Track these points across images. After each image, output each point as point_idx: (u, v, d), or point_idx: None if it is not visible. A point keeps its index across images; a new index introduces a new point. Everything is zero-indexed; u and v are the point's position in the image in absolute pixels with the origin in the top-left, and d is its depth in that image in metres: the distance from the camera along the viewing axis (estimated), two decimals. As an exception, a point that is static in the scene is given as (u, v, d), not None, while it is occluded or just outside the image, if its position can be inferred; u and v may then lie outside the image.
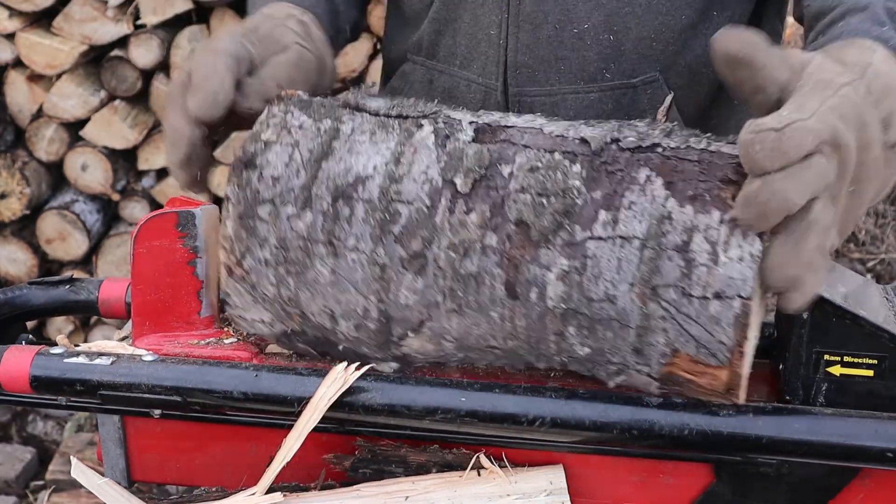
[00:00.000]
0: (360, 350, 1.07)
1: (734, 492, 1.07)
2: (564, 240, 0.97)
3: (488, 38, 1.36)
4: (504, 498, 1.04)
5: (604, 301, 0.96)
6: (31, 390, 1.10)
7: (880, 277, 4.09)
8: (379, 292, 1.03)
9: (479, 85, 1.39)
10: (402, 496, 1.05)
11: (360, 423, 1.08)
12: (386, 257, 1.02)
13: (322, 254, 1.04)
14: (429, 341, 1.04)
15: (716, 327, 0.92)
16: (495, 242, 0.99)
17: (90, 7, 3.06)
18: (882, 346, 1.01)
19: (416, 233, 1.01)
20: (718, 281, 0.92)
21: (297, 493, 1.08)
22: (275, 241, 1.04)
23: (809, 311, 1.00)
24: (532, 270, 0.98)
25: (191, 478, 1.20)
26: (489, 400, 1.03)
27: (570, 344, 0.99)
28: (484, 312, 1.01)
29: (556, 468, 1.07)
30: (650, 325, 0.95)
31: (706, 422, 1.01)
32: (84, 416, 3.29)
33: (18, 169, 3.18)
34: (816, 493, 1.06)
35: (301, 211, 1.04)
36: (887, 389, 1.02)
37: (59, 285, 1.30)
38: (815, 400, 1.03)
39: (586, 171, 0.98)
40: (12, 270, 3.32)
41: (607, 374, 1.01)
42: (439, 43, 1.42)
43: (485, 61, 1.38)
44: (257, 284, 1.06)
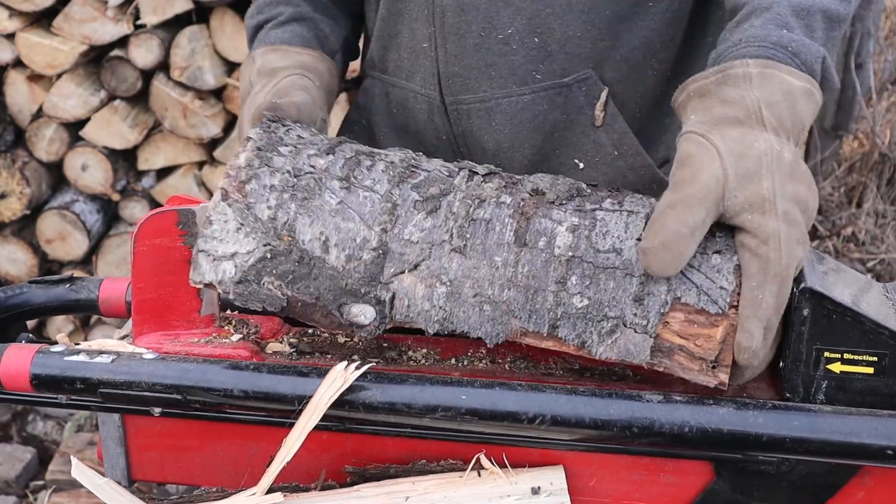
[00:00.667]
0: (339, 285, 1.04)
1: (734, 489, 1.07)
2: (576, 205, 1.04)
3: (424, 51, 1.40)
4: (504, 498, 1.04)
5: (610, 252, 1.01)
6: (32, 389, 1.10)
7: (880, 277, 4.10)
8: (385, 224, 1.04)
9: (423, 96, 1.43)
10: (402, 496, 1.05)
11: (361, 421, 1.08)
12: (400, 198, 1.05)
13: (335, 187, 1.06)
14: (422, 282, 1.03)
15: (717, 274, 0.98)
16: (510, 201, 1.05)
17: (90, 7, 3.06)
18: (882, 344, 1.01)
19: (434, 184, 1.06)
20: (717, 244, 1.00)
21: (298, 494, 1.08)
22: (290, 168, 1.06)
23: (810, 308, 1.01)
24: (544, 223, 1.03)
25: (191, 477, 1.20)
26: (489, 397, 1.03)
27: (569, 294, 1.00)
28: (488, 256, 1.02)
29: (557, 469, 1.07)
30: (653, 275, 0.98)
31: (706, 419, 1.01)
32: (84, 416, 3.29)
33: (18, 169, 3.18)
34: (816, 490, 1.06)
35: (323, 154, 1.08)
36: (887, 387, 1.02)
37: (59, 284, 1.30)
38: (816, 397, 1.03)
39: (590, 188, 1.08)
40: (12, 270, 3.32)
41: (599, 335, 1.00)
42: (387, 57, 1.48)
43: (424, 73, 1.42)
44: (253, 206, 1.05)
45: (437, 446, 1.10)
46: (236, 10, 3.06)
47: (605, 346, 1.00)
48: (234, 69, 3.13)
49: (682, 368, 1.00)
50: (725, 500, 1.08)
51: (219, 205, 1.06)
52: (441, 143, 1.45)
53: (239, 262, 1.05)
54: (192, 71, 3.09)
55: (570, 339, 1.01)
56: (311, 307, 1.04)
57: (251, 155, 1.07)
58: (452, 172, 1.09)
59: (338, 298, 1.04)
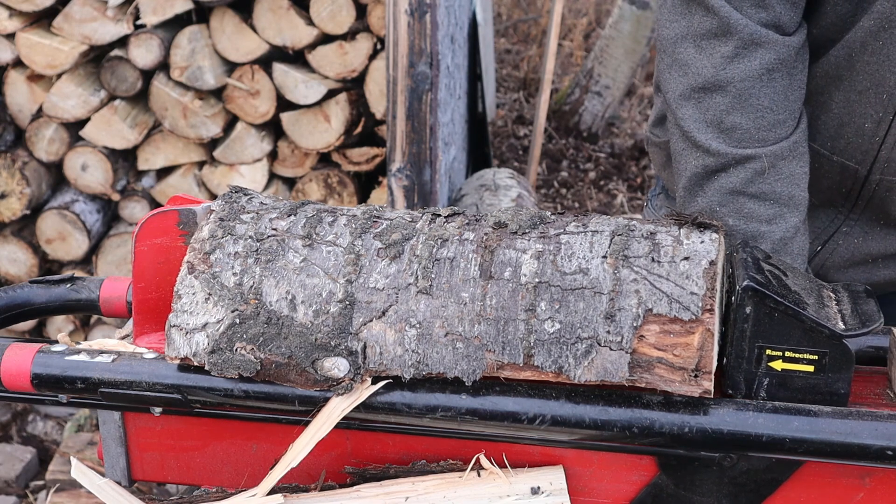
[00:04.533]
0: (310, 341, 1.04)
1: (677, 485, 1.08)
2: (540, 232, 1.05)
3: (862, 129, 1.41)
4: (504, 498, 1.04)
5: (577, 273, 1.01)
6: (33, 388, 1.10)
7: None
8: (349, 275, 1.04)
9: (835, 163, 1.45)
10: (402, 496, 1.05)
11: (360, 419, 1.08)
12: (363, 248, 1.06)
13: (297, 246, 1.07)
14: (391, 327, 1.03)
15: (686, 280, 0.99)
16: (473, 237, 1.05)
17: (90, 7, 3.06)
18: (822, 343, 1.02)
19: (395, 231, 1.06)
20: (685, 250, 1.01)
21: (298, 494, 1.08)
22: (252, 233, 1.08)
23: (752, 306, 1.02)
24: (508, 254, 1.03)
25: (191, 476, 1.20)
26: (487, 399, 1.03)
27: (540, 321, 1.00)
28: (455, 293, 1.02)
29: (556, 469, 1.07)
30: (622, 290, 0.99)
31: (706, 420, 1.01)
32: (84, 415, 3.29)
33: (18, 169, 3.19)
34: (758, 486, 1.07)
35: (285, 216, 1.10)
36: (827, 385, 1.03)
37: (60, 284, 1.30)
38: (757, 394, 1.04)
39: (555, 216, 1.08)
40: (12, 270, 3.32)
41: (575, 358, 1.00)
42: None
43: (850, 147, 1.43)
44: (218, 275, 1.06)
45: (436, 446, 1.10)
46: (236, 10, 3.06)
47: (583, 368, 1.00)
48: (234, 69, 3.14)
49: (664, 381, 1.00)
50: (669, 495, 1.08)
51: (186, 278, 1.07)
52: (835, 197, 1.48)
53: (210, 332, 1.05)
54: (192, 71, 3.09)
55: (546, 366, 1.01)
56: (285, 367, 1.04)
57: (214, 226, 1.09)
58: (415, 218, 1.10)
59: (310, 355, 1.03)
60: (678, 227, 1.04)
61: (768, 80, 1.33)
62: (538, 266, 1.02)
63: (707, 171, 1.35)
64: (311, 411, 1.05)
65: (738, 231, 1.33)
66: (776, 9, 1.32)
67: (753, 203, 1.34)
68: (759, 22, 1.32)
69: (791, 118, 1.36)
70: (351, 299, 1.04)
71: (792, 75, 1.35)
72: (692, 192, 1.37)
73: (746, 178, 1.33)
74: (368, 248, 1.06)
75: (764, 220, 1.33)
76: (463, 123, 3.71)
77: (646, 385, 1.00)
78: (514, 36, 6.31)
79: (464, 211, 1.11)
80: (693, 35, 1.35)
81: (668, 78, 1.39)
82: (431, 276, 1.03)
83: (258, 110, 3.14)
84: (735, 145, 1.33)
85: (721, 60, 1.33)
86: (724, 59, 1.33)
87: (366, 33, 3.05)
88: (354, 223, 1.08)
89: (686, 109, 1.36)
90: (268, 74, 3.10)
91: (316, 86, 3.08)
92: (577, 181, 5.00)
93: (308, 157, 3.23)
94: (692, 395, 1.00)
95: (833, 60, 1.39)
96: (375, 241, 1.06)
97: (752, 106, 1.33)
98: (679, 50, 1.37)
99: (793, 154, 1.35)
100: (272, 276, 1.05)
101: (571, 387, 1.03)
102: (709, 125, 1.34)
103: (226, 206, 1.11)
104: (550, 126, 5.22)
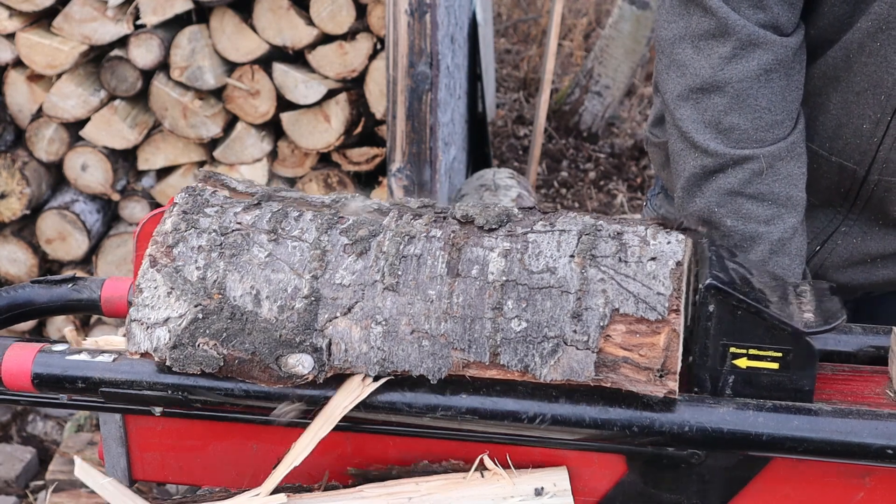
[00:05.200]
0: (274, 337, 1.03)
1: (646, 483, 1.08)
2: (507, 231, 1.04)
3: (860, 130, 1.41)
4: (508, 499, 1.04)
5: (544, 272, 1.01)
6: (33, 388, 1.10)
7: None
8: (315, 271, 1.04)
9: (832, 163, 1.44)
10: (405, 497, 1.05)
11: (360, 419, 1.08)
12: (329, 244, 1.05)
13: (262, 241, 1.06)
14: (357, 324, 1.02)
15: (653, 281, 0.99)
16: (440, 234, 1.05)
17: (90, 7, 3.06)
18: (786, 340, 1.03)
19: (362, 227, 1.06)
20: (652, 251, 1.01)
21: (301, 494, 1.08)
22: (216, 227, 1.07)
23: (716, 305, 1.02)
24: (475, 252, 1.03)
25: (192, 476, 1.20)
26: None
27: (507, 319, 1.00)
28: (421, 290, 1.02)
29: (560, 469, 1.07)
30: (589, 289, 0.99)
31: (706, 419, 1.01)
32: (84, 415, 3.29)
33: (18, 169, 3.19)
34: (726, 483, 1.07)
35: (250, 209, 1.09)
36: (791, 382, 1.04)
37: (61, 284, 1.30)
38: (723, 392, 1.05)
39: (522, 213, 1.08)
40: (12, 270, 3.32)
41: (541, 356, 1.00)
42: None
43: (848, 147, 1.43)
44: (181, 269, 1.05)
45: (439, 446, 1.10)
46: (236, 10, 3.06)
47: (549, 367, 1.00)
48: (234, 69, 3.14)
49: (629, 381, 1.00)
50: (638, 492, 1.09)
51: (147, 272, 1.06)
52: (834, 197, 1.48)
53: (172, 327, 1.04)
54: (192, 71, 3.09)
55: (512, 365, 1.01)
56: (248, 363, 1.03)
57: (177, 219, 1.08)
58: (384, 209, 1.09)
59: (274, 351, 1.03)
60: (645, 227, 1.04)
61: (766, 80, 1.33)
62: (505, 264, 1.02)
63: (705, 172, 1.36)
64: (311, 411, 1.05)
65: (736, 232, 1.34)
66: (774, 10, 1.33)
67: (751, 204, 1.34)
68: (757, 23, 1.32)
69: (789, 119, 1.36)
70: (316, 295, 1.03)
71: (790, 76, 1.35)
72: (690, 192, 1.37)
73: (744, 179, 1.34)
74: (335, 244, 1.05)
75: (762, 221, 1.34)
76: (463, 123, 3.71)
77: (611, 385, 1.00)
78: (514, 36, 6.31)
79: (434, 203, 1.11)
80: (691, 36, 1.36)
81: (665, 78, 1.40)
82: (398, 273, 1.02)
83: (258, 110, 3.14)
84: (733, 146, 1.34)
85: (719, 61, 1.33)
86: (722, 60, 1.33)
87: (366, 33, 3.05)
88: (320, 218, 1.07)
89: (684, 110, 1.36)
90: (268, 74, 3.10)
91: (316, 86, 3.08)
92: (577, 181, 5.00)
93: (308, 157, 3.23)
94: (657, 395, 1.00)
95: (830, 61, 1.39)
96: (342, 236, 1.05)
97: (750, 106, 1.33)
98: (677, 50, 1.37)
99: (791, 154, 1.35)
100: (236, 271, 1.05)
101: (570, 388, 1.03)
102: (707, 126, 1.35)
103: (189, 199, 1.10)
104: (550, 126, 5.22)
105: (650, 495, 1.08)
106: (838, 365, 1.17)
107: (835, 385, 1.13)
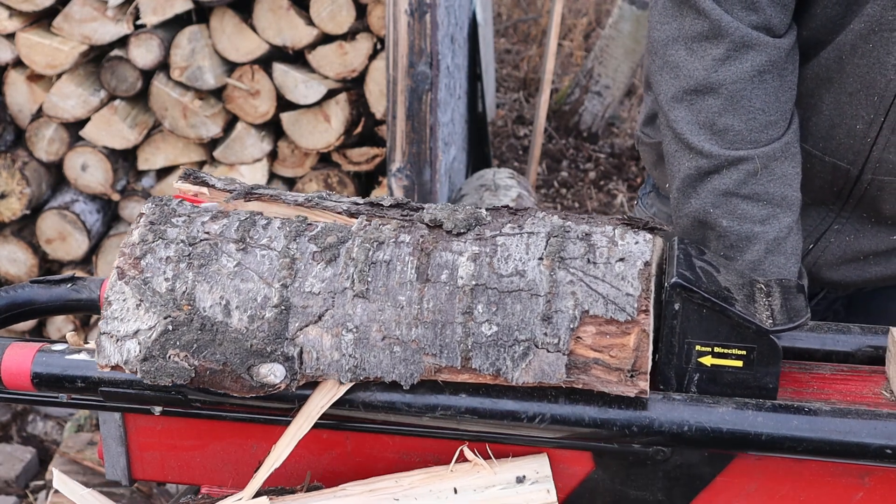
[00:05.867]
0: (245, 347, 1.03)
1: (613, 479, 1.09)
2: (476, 234, 1.05)
3: (853, 131, 1.42)
4: (490, 489, 1.04)
5: (514, 275, 1.01)
6: (33, 388, 1.10)
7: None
8: (284, 279, 1.04)
9: (826, 163, 1.45)
10: (388, 493, 1.05)
11: (357, 419, 1.08)
12: (297, 252, 1.05)
13: (231, 250, 1.06)
14: (327, 332, 1.03)
15: (622, 282, 1.00)
16: (409, 239, 1.05)
17: (90, 7, 3.06)
18: (750, 338, 1.04)
19: (331, 234, 1.06)
20: (620, 252, 1.02)
21: (283, 496, 1.08)
22: (184, 237, 1.06)
23: (681, 303, 1.03)
24: (444, 256, 1.03)
25: (192, 476, 1.20)
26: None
27: (477, 323, 1.01)
28: (392, 297, 1.02)
29: (541, 457, 1.08)
30: (559, 292, 1.00)
31: (706, 419, 1.02)
32: (84, 415, 3.29)
33: (18, 169, 3.19)
34: (691, 480, 1.08)
35: (218, 218, 1.08)
36: (755, 379, 1.05)
37: (61, 284, 1.30)
38: (688, 389, 1.06)
39: (491, 215, 1.08)
40: (12, 270, 3.32)
41: (513, 360, 1.00)
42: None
43: (842, 148, 1.44)
44: (150, 280, 1.05)
45: (420, 443, 1.11)
46: (236, 10, 3.06)
47: (520, 370, 1.00)
48: (234, 69, 3.14)
49: (600, 382, 1.00)
50: (605, 489, 1.09)
51: (116, 284, 1.06)
52: (827, 195, 1.49)
53: (142, 339, 1.04)
54: (192, 71, 3.09)
55: (484, 368, 1.01)
56: (220, 374, 1.03)
57: (144, 230, 1.07)
58: (353, 210, 1.10)
59: (245, 361, 1.03)
60: (613, 227, 1.04)
61: (760, 81, 1.34)
62: (475, 268, 1.02)
63: (700, 173, 1.36)
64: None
65: (732, 232, 1.34)
66: (766, 11, 1.33)
67: (746, 204, 1.35)
68: (750, 24, 1.33)
69: (783, 119, 1.36)
70: (286, 304, 1.03)
71: (783, 77, 1.36)
72: (686, 193, 1.38)
73: (739, 180, 1.34)
74: (304, 252, 1.05)
75: (757, 221, 1.34)
76: (463, 123, 3.71)
77: (583, 386, 1.00)
78: (514, 36, 6.31)
79: (408, 202, 1.11)
80: (684, 37, 1.36)
81: (659, 80, 1.40)
82: (368, 280, 1.03)
83: (258, 110, 3.14)
84: (728, 147, 1.34)
85: (712, 63, 1.34)
86: (716, 62, 1.34)
87: (366, 33, 3.05)
88: (289, 226, 1.07)
89: (678, 112, 1.37)
90: (268, 74, 3.10)
91: (316, 86, 3.08)
92: (577, 181, 5.00)
93: (308, 157, 3.23)
94: (628, 395, 1.00)
95: (823, 63, 1.40)
96: (310, 244, 1.05)
97: (743, 108, 1.34)
98: (670, 52, 1.38)
99: (785, 155, 1.36)
100: (206, 281, 1.04)
101: (569, 389, 1.03)
102: (701, 127, 1.35)
103: (156, 210, 1.10)
104: (550, 126, 5.22)
105: (617, 492, 1.09)
106: (837, 365, 1.18)
107: (834, 385, 1.13)
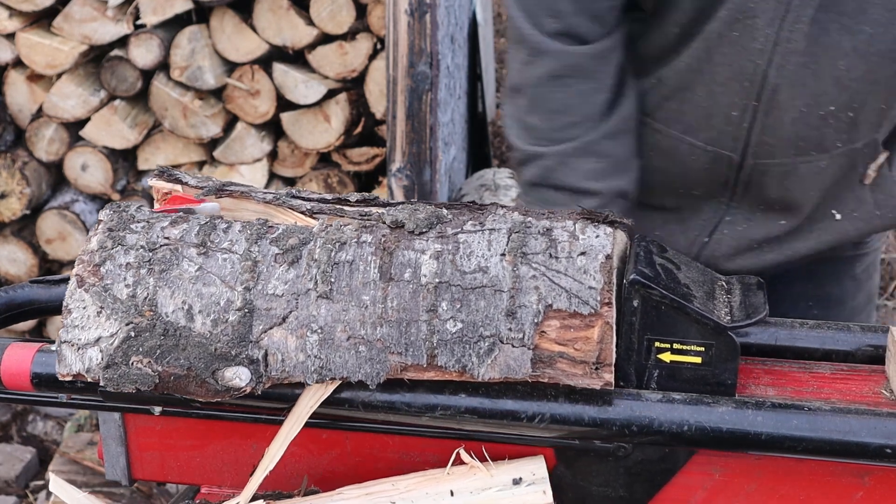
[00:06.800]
0: (209, 351, 1.02)
1: (575, 476, 1.09)
2: (438, 232, 1.05)
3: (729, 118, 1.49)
4: (486, 491, 1.04)
5: (476, 272, 1.02)
6: (33, 388, 1.10)
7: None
8: (247, 282, 1.03)
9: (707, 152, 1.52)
10: (385, 496, 1.05)
11: (355, 419, 1.08)
12: (259, 254, 1.05)
13: (192, 255, 1.05)
14: (292, 334, 1.02)
15: (584, 275, 1.00)
16: (371, 239, 1.05)
17: (90, 7, 3.07)
18: (709, 335, 1.04)
19: (292, 235, 1.06)
20: (582, 246, 1.02)
21: (280, 501, 1.08)
22: (144, 243, 1.06)
23: (640, 300, 1.04)
24: (407, 255, 1.04)
25: (192, 476, 1.20)
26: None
27: (442, 321, 1.01)
28: (355, 296, 1.02)
29: (537, 459, 1.08)
30: (522, 287, 1.00)
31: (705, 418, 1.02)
32: (84, 416, 3.29)
33: (18, 169, 3.19)
34: (652, 476, 1.08)
35: (177, 223, 1.08)
36: (714, 376, 1.05)
37: (61, 284, 1.30)
38: (648, 385, 1.06)
39: (451, 213, 1.09)
40: (12, 270, 3.32)
41: (478, 356, 1.00)
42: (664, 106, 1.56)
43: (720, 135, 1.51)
44: (110, 287, 1.04)
45: (416, 444, 1.11)
46: (236, 10, 3.06)
47: (486, 366, 1.00)
48: (234, 69, 3.14)
49: (566, 375, 1.00)
50: (567, 485, 1.09)
51: (75, 292, 1.05)
52: (715, 187, 1.55)
53: (104, 347, 1.03)
54: (192, 71, 3.10)
55: (450, 366, 1.01)
56: (185, 379, 1.02)
57: (103, 237, 1.07)
58: (315, 207, 1.11)
59: (210, 365, 1.02)
60: (573, 221, 1.05)
61: (558, 85, 1.45)
62: (438, 266, 1.02)
63: (516, 163, 1.53)
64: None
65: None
66: (570, 20, 1.43)
67: (551, 193, 1.48)
68: (550, 31, 1.43)
69: (588, 120, 1.47)
70: (250, 307, 1.03)
71: (593, 79, 1.45)
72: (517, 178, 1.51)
73: (538, 173, 1.48)
74: (265, 254, 1.04)
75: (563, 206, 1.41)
76: (463, 123, 3.71)
77: (548, 380, 1.01)
78: (513, 36, 6.31)
79: (377, 198, 1.11)
80: (510, 39, 1.52)
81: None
82: (331, 281, 1.02)
83: (258, 110, 3.14)
84: (532, 143, 1.49)
85: (519, 66, 1.49)
86: (521, 65, 1.48)
87: (366, 33, 3.05)
88: (249, 229, 1.07)
89: (505, 106, 1.54)
90: (268, 74, 3.10)
91: (316, 86, 3.08)
92: (577, 181, 4.99)
93: (308, 157, 3.23)
94: (593, 387, 1.01)
95: (694, 54, 1.46)
96: (272, 246, 1.05)
97: (543, 108, 1.47)
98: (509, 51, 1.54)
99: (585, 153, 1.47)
100: (167, 287, 1.04)
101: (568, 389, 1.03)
102: (516, 122, 1.52)
103: (114, 216, 1.09)
104: (550, 126, 5.21)
105: (579, 488, 1.09)
106: (836, 364, 1.18)
107: (833, 384, 1.13)
